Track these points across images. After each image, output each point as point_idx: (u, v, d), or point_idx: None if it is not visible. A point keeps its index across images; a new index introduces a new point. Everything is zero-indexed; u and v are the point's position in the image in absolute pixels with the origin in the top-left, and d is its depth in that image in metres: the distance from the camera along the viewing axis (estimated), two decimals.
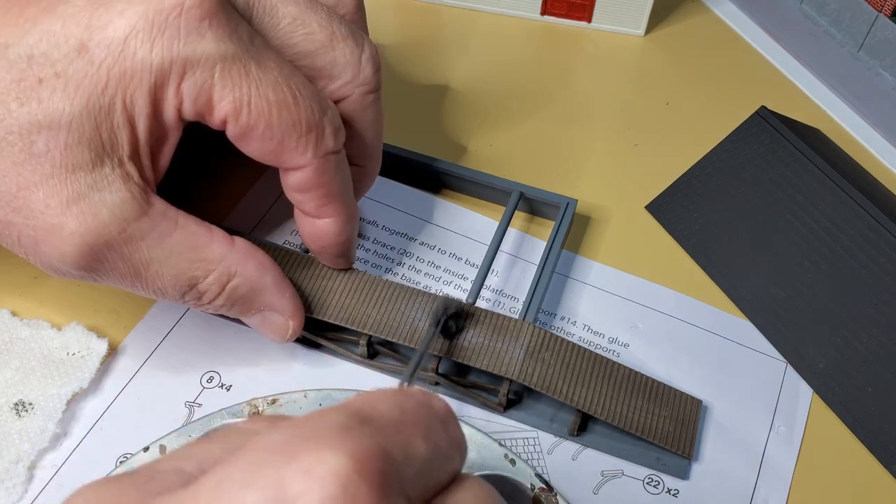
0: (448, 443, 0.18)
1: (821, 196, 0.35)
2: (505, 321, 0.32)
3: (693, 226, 0.38)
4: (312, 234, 0.31)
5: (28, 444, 0.29)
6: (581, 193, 0.39)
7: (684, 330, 0.35)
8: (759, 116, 0.38)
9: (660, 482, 0.31)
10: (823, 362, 0.34)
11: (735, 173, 0.38)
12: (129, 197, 0.25)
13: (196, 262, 0.27)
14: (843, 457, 0.32)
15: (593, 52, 0.47)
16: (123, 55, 0.24)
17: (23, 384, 0.30)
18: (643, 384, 0.32)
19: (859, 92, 0.45)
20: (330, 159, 0.28)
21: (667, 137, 0.43)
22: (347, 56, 0.29)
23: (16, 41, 0.24)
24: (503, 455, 0.29)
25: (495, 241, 0.35)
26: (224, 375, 0.32)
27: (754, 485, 0.31)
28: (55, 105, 0.24)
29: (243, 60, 0.25)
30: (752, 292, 0.36)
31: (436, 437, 0.18)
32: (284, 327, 0.30)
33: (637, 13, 0.47)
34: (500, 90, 0.45)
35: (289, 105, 0.26)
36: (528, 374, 0.30)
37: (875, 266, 0.34)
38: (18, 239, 0.25)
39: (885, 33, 0.44)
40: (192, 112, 0.26)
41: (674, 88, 0.46)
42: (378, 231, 0.37)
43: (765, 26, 0.49)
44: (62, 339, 0.31)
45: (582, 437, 0.31)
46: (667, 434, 0.31)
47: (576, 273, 0.37)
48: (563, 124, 0.43)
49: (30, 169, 0.24)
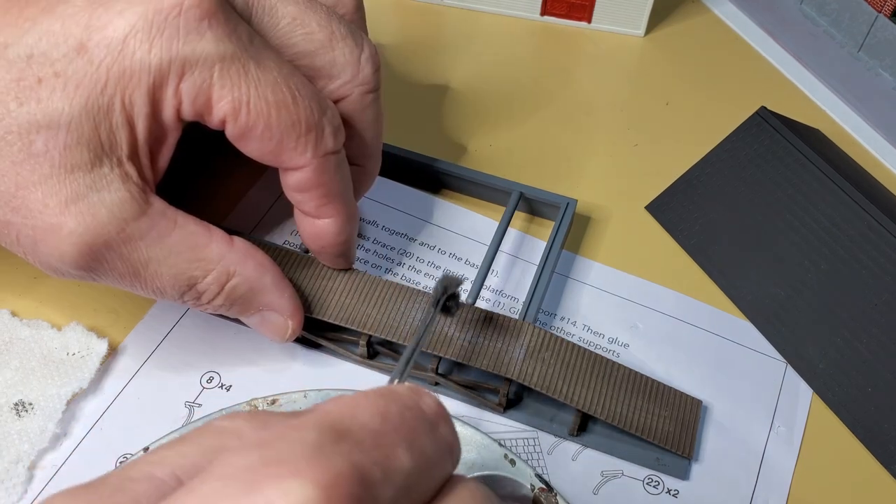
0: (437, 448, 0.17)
1: (821, 196, 0.35)
2: (505, 321, 0.32)
3: (693, 226, 0.38)
4: (312, 234, 0.31)
5: (28, 444, 0.29)
6: (581, 193, 0.39)
7: (684, 330, 0.35)
8: (759, 117, 0.38)
9: (660, 482, 0.31)
10: (823, 362, 0.34)
11: (735, 173, 0.38)
12: (128, 197, 0.25)
13: (195, 262, 0.27)
14: (843, 457, 0.32)
15: (593, 52, 0.47)
16: (122, 55, 0.24)
17: (23, 384, 0.30)
18: (643, 384, 0.32)
19: (859, 92, 0.45)
20: (329, 159, 0.28)
21: (667, 137, 0.43)
22: (347, 56, 0.29)
23: (15, 41, 0.24)
24: (503, 455, 0.29)
25: (495, 241, 0.35)
26: (224, 375, 0.32)
27: (754, 485, 0.31)
28: (54, 105, 0.24)
29: (242, 60, 0.25)
30: (752, 292, 0.36)
31: (422, 445, 0.17)
32: (284, 327, 0.30)
33: (637, 13, 0.47)
34: (500, 90, 0.45)
35: (288, 105, 0.26)
36: (528, 374, 0.30)
37: (875, 266, 0.34)
38: (17, 238, 0.25)
39: (884, 33, 0.44)
40: (191, 112, 0.26)
41: (674, 89, 0.46)
42: (378, 231, 0.37)
43: (765, 26, 0.49)
44: (62, 340, 0.31)
45: (582, 438, 0.31)
46: (667, 434, 0.31)
47: (576, 273, 0.37)
48: (563, 124, 0.43)
49: (29, 169, 0.24)
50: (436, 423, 0.17)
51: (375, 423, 0.16)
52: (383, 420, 0.16)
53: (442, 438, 0.17)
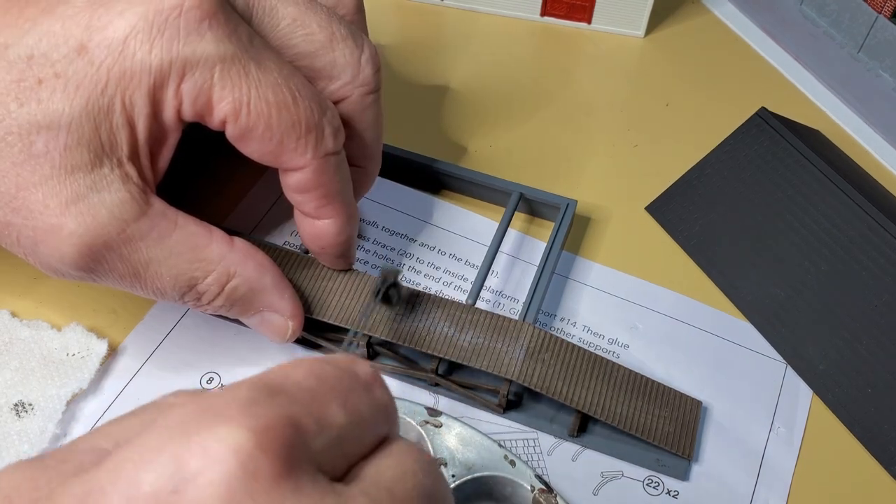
0: (371, 408, 0.18)
1: (821, 197, 0.35)
2: (505, 322, 0.32)
3: (693, 227, 0.38)
4: (312, 235, 0.31)
5: (28, 444, 0.29)
6: (581, 194, 0.39)
7: (684, 331, 0.35)
8: (759, 117, 0.38)
9: (660, 483, 0.31)
10: (823, 363, 0.34)
11: (735, 174, 0.38)
12: (129, 197, 0.25)
13: (195, 263, 0.27)
14: (843, 458, 0.32)
15: (593, 52, 0.47)
16: (123, 56, 0.24)
17: (22, 385, 0.30)
18: (643, 385, 0.32)
19: (859, 93, 0.45)
20: (329, 160, 0.28)
21: (667, 138, 0.43)
22: (347, 57, 0.29)
23: (15, 41, 0.24)
24: (503, 456, 0.29)
25: (495, 241, 0.35)
26: (224, 376, 0.32)
27: (754, 486, 0.31)
28: (55, 106, 0.24)
29: (243, 61, 0.25)
30: (752, 293, 0.36)
31: (356, 403, 0.17)
32: (284, 328, 0.30)
33: (637, 14, 0.47)
34: (500, 91, 0.45)
35: (288, 106, 0.26)
36: (527, 374, 0.30)
37: (875, 267, 0.34)
38: (17, 239, 0.25)
39: (884, 34, 0.44)
40: (191, 113, 0.26)
41: (674, 89, 0.46)
42: (378, 232, 0.37)
43: (765, 27, 0.49)
44: (62, 340, 0.31)
45: (582, 438, 0.31)
46: (667, 435, 0.31)
47: (576, 274, 0.37)
48: (563, 125, 0.43)
49: (29, 169, 0.24)
50: (370, 385, 0.18)
51: (310, 383, 0.17)
52: (318, 380, 0.17)
53: (376, 399, 0.18)
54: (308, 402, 0.17)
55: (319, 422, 0.16)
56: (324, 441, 0.16)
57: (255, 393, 0.16)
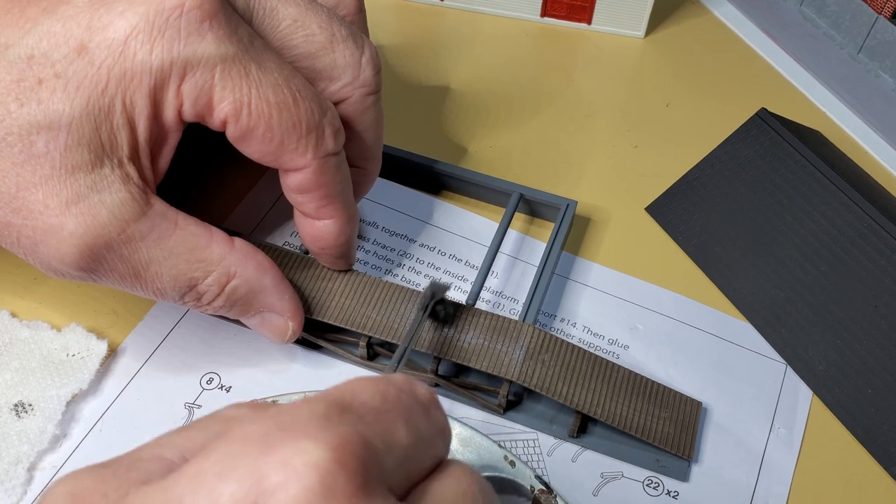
0: (431, 429, 0.18)
1: (821, 198, 0.35)
2: (505, 322, 0.32)
3: (693, 227, 0.38)
4: (312, 236, 0.31)
5: (28, 445, 0.29)
6: (581, 195, 0.39)
7: (684, 331, 0.35)
8: (759, 118, 0.38)
9: (660, 484, 0.31)
10: (823, 364, 0.34)
11: (735, 175, 0.38)
12: (129, 198, 0.25)
13: (195, 263, 0.27)
14: (843, 459, 0.32)
15: (593, 53, 0.48)
16: (124, 56, 0.24)
17: (22, 385, 0.30)
18: (643, 386, 0.32)
19: (859, 94, 0.45)
20: (330, 161, 0.28)
21: (667, 139, 0.43)
22: (347, 58, 0.29)
23: (16, 41, 0.24)
24: (503, 457, 0.29)
25: (495, 242, 0.35)
26: (224, 377, 0.32)
27: (754, 487, 0.31)
28: (55, 106, 0.24)
29: (243, 62, 0.25)
30: (752, 294, 0.36)
31: (418, 424, 0.18)
32: (284, 328, 0.30)
33: (637, 15, 0.47)
34: (501, 92, 0.45)
35: (289, 106, 0.26)
36: (527, 375, 0.30)
37: (875, 268, 0.34)
38: (18, 240, 0.25)
39: (884, 35, 0.44)
40: (192, 113, 0.26)
41: (674, 90, 0.46)
42: (378, 232, 0.37)
43: (765, 28, 0.49)
44: (62, 341, 0.31)
45: (581, 439, 0.31)
46: (667, 436, 0.31)
47: (576, 275, 0.37)
48: (563, 126, 0.43)
49: (29, 170, 0.24)
50: (428, 407, 0.19)
51: (376, 402, 0.17)
52: (383, 399, 0.17)
53: (435, 421, 0.18)
54: (376, 422, 0.17)
55: (386, 441, 0.17)
56: (392, 460, 0.17)
57: (328, 409, 0.16)
